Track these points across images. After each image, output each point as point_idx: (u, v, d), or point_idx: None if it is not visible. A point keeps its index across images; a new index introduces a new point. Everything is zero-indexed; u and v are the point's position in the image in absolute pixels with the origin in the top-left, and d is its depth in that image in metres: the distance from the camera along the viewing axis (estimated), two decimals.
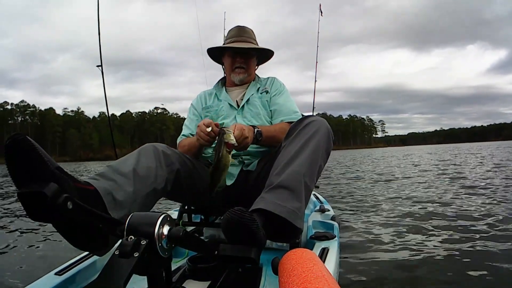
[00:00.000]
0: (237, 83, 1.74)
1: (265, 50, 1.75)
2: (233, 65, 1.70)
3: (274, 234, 1.11)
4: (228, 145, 1.19)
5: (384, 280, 1.75)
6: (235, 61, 1.70)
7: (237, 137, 1.24)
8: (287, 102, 1.69)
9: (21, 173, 0.73)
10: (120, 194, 1.04)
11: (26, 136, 0.72)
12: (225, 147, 1.19)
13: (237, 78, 1.71)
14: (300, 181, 1.13)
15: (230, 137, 1.19)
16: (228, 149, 1.19)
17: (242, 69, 1.70)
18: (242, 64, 1.70)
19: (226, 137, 1.18)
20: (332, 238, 1.41)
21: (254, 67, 1.79)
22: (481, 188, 4.94)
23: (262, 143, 1.45)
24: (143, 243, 0.75)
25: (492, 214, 3.14)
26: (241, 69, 1.70)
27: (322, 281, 0.67)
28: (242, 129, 1.29)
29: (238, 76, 1.71)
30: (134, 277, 0.73)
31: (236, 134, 1.24)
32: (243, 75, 1.71)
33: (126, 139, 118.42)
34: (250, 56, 1.72)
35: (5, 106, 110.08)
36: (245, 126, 1.34)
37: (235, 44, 1.67)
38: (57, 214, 0.72)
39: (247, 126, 1.38)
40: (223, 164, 1.20)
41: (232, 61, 1.70)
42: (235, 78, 1.71)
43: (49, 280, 1.09)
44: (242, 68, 1.70)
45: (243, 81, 1.73)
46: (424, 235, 2.56)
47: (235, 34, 1.73)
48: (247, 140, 1.32)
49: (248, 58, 1.71)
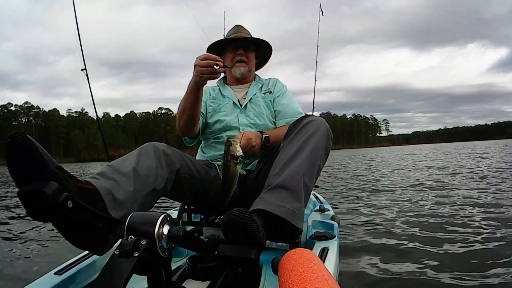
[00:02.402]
0: (238, 77, 1.75)
1: (264, 42, 1.77)
2: (233, 59, 1.72)
3: (274, 235, 1.11)
4: (235, 157, 1.20)
5: (384, 280, 1.75)
6: (236, 54, 1.72)
7: (244, 146, 1.26)
8: (291, 103, 1.70)
9: (22, 172, 0.73)
10: (120, 193, 1.04)
11: (27, 135, 0.72)
12: (232, 160, 1.20)
13: (238, 71, 1.72)
14: (299, 181, 1.14)
15: (236, 149, 1.20)
16: (235, 161, 1.20)
17: (243, 62, 1.72)
18: (243, 57, 1.72)
19: (232, 149, 1.19)
20: (332, 238, 1.41)
21: (254, 63, 1.81)
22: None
23: (270, 148, 1.46)
24: (143, 243, 0.75)
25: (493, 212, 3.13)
26: (242, 63, 1.72)
27: (322, 281, 0.68)
28: (249, 138, 1.31)
29: (239, 70, 1.72)
30: (134, 277, 0.74)
31: (242, 144, 1.25)
32: (244, 68, 1.73)
33: (131, 140, 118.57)
34: (250, 49, 1.75)
35: (9, 107, 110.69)
36: (252, 134, 1.35)
37: (236, 35, 1.72)
38: (57, 213, 0.72)
39: (255, 133, 1.40)
40: (231, 176, 1.21)
41: (233, 56, 1.73)
42: (236, 72, 1.73)
43: (48, 279, 1.09)
44: (243, 61, 1.72)
45: (244, 75, 1.74)
46: (425, 235, 2.55)
47: (234, 31, 1.78)
48: (254, 149, 1.34)
49: (248, 51, 1.74)
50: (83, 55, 2.37)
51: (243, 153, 1.23)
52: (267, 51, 1.85)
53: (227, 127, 1.61)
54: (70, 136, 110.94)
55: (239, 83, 1.79)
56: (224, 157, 1.22)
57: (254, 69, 1.82)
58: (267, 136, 1.42)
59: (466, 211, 3.32)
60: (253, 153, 1.36)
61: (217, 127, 1.64)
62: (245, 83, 1.79)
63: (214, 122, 1.65)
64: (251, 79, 1.81)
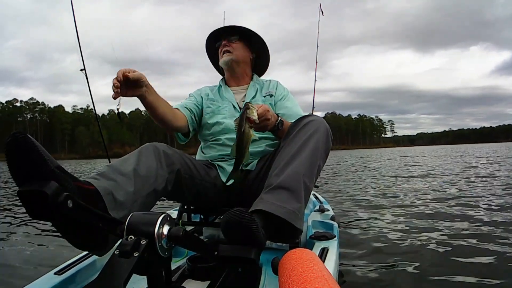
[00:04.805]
0: (225, 67, 1.75)
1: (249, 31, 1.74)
2: (221, 53, 1.73)
3: (274, 235, 1.11)
4: (250, 120, 1.21)
5: (384, 280, 1.75)
6: (221, 46, 1.73)
7: (260, 115, 1.25)
8: (294, 106, 1.70)
9: (22, 171, 0.73)
10: (120, 194, 1.04)
11: (27, 134, 0.73)
12: (247, 122, 1.21)
13: (222, 60, 1.72)
14: (299, 182, 1.14)
15: (253, 113, 1.21)
16: (249, 124, 1.22)
17: (227, 52, 1.72)
18: (226, 47, 1.71)
19: (249, 112, 1.21)
20: (331, 238, 1.41)
21: (243, 54, 1.76)
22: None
23: (279, 134, 1.44)
24: (143, 243, 0.75)
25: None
26: (226, 52, 1.72)
27: (322, 281, 0.68)
28: (267, 110, 1.31)
29: (223, 59, 1.72)
30: (134, 277, 0.74)
31: (259, 112, 1.25)
32: (228, 57, 1.71)
33: (136, 137, 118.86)
34: (233, 39, 1.73)
35: (14, 103, 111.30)
36: (271, 110, 1.35)
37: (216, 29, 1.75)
38: (57, 213, 0.72)
39: (273, 111, 1.39)
40: (246, 138, 1.23)
41: (220, 50, 1.74)
42: (221, 62, 1.73)
43: (48, 279, 1.09)
44: (227, 51, 1.71)
45: (228, 64, 1.72)
46: (425, 234, 2.54)
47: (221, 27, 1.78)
48: (268, 122, 1.33)
49: (232, 42, 1.73)
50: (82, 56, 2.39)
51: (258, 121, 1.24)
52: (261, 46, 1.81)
53: (226, 129, 1.61)
54: (75, 132, 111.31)
55: (237, 84, 1.78)
56: (240, 119, 1.23)
57: (244, 61, 1.77)
58: (281, 120, 1.42)
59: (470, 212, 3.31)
60: (266, 126, 1.34)
61: (216, 129, 1.64)
62: (243, 83, 1.78)
63: (213, 124, 1.65)
64: (247, 79, 1.81)
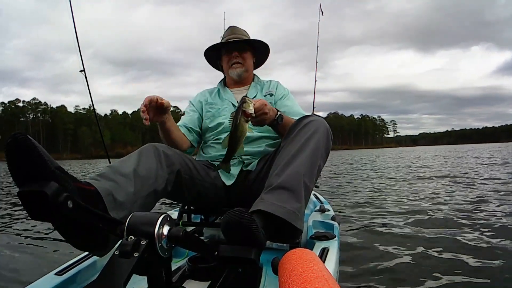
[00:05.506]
0: (235, 79, 1.76)
1: (259, 42, 1.77)
2: (229, 62, 1.73)
3: (274, 235, 1.11)
4: (246, 114, 1.20)
5: (384, 280, 1.75)
6: (231, 57, 1.73)
7: (257, 109, 1.25)
8: (294, 105, 1.71)
9: (22, 172, 0.73)
10: (120, 194, 1.04)
11: (27, 135, 0.73)
12: (242, 116, 1.20)
13: (235, 72, 1.73)
14: (299, 182, 1.14)
15: (249, 107, 1.20)
16: (245, 118, 1.20)
17: (239, 64, 1.73)
18: (238, 59, 1.72)
19: (245, 106, 1.20)
20: (332, 238, 1.41)
21: (251, 63, 1.80)
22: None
23: (279, 129, 1.44)
24: (143, 243, 0.75)
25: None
26: (238, 64, 1.73)
27: (322, 281, 0.67)
28: (264, 104, 1.30)
29: (235, 71, 1.73)
30: (134, 277, 0.74)
31: (256, 106, 1.25)
32: (240, 69, 1.73)
33: (138, 137, 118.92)
34: (244, 50, 1.75)
35: (17, 103, 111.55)
36: (268, 105, 1.34)
37: (229, 37, 1.72)
38: (57, 213, 0.72)
39: (272, 106, 1.38)
40: (239, 131, 1.22)
41: (228, 59, 1.74)
42: (233, 73, 1.73)
43: (49, 280, 1.09)
44: (239, 63, 1.73)
45: (241, 76, 1.75)
46: (426, 235, 2.54)
47: (227, 34, 1.78)
48: (265, 116, 1.31)
49: (243, 52, 1.74)
50: (81, 57, 2.39)
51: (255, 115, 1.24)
52: (264, 50, 1.84)
53: (226, 128, 1.61)
54: (77, 132, 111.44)
55: (239, 85, 1.79)
56: (236, 112, 1.22)
57: (251, 69, 1.81)
58: (281, 115, 1.41)
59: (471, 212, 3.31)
60: (263, 120, 1.33)
61: (217, 129, 1.65)
62: (245, 84, 1.79)
63: (214, 127, 1.67)
64: (250, 80, 1.82)
